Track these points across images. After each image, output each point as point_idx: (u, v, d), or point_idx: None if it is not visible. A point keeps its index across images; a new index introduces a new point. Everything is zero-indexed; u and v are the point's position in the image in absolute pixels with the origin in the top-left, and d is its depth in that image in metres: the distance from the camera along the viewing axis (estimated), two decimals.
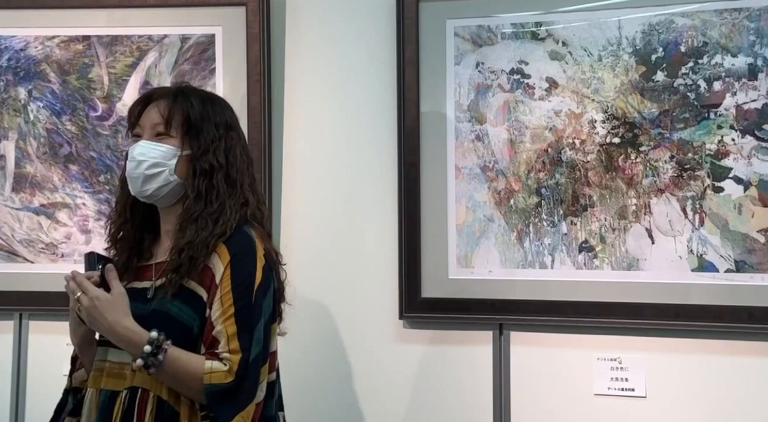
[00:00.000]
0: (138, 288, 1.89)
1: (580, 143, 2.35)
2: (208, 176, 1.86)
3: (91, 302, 1.79)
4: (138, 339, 1.76)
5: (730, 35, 2.25)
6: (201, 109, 1.90)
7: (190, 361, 1.76)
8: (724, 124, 2.25)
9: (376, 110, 2.53)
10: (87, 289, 1.81)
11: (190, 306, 1.80)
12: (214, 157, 1.87)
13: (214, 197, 1.85)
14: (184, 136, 1.88)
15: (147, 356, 1.74)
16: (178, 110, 1.88)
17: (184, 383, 1.76)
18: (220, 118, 1.93)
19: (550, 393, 2.38)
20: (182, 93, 1.93)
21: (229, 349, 1.75)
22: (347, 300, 2.54)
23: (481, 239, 2.42)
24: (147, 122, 1.90)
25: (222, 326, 1.77)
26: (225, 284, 1.79)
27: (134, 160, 1.87)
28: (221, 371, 1.74)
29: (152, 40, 2.61)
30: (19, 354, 2.63)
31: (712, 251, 2.26)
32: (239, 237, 1.84)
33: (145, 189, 1.87)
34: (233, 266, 1.80)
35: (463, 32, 2.45)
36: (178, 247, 1.82)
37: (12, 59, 2.64)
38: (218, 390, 1.73)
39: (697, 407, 2.28)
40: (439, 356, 2.47)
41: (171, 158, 1.87)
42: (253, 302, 1.80)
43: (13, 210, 2.64)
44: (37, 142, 2.64)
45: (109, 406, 1.83)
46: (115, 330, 1.78)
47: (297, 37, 2.61)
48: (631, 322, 2.30)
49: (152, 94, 1.94)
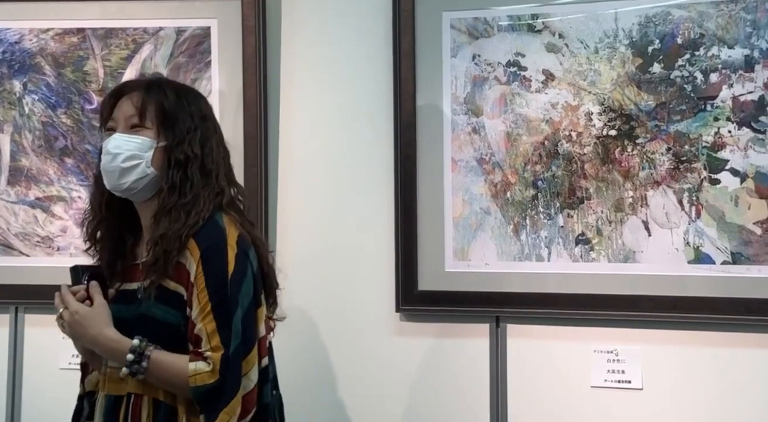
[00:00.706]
0: (128, 290, 1.88)
1: (576, 136, 2.35)
2: (183, 167, 1.83)
3: (71, 317, 1.81)
4: (120, 347, 1.77)
5: (726, 27, 2.25)
6: (175, 99, 1.87)
7: (174, 364, 1.77)
8: (721, 116, 2.25)
9: (372, 103, 2.53)
10: (68, 303, 1.83)
11: (172, 306, 1.80)
12: (189, 147, 1.84)
13: (188, 189, 1.82)
14: (159, 127, 1.85)
15: (130, 364, 1.75)
16: (152, 101, 1.86)
17: (173, 386, 1.78)
18: (194, 108, 1.90)
19: (547, 385, 2.38)
20: (155, 84, 1.90)
21: (211, 347, 1.75)
22: (344, 293, 2.53)
23: (477, 231, 2.42)
24: (120, 115, 1.87)
25: (201, 324, 1.76)
26: (200, 282, 1.77)
27: (109, 153, 1.84)
28: (205, 371, 1.74)
29: (147, 33, 2.60)
30: (15, 348, 2.63)
31: (708, 243, 2.26)
32: (208, 229, 1.82)
33: (122, 182, 1.84)
34: (204, 261, 1.78)
35: (460, 24, 2.44)
36: (153, 241, 1.81)
37: (6, 52, 2.64)
38: (204, 391, 1.74)
39: (694, 399, 2.28)
40: (436, 349, 2.47)
41: (147, 150, 1.84)
42: (228, 295, 1.78)
43: (9, 203, 2.63)
44: (33, 135, 2.63)
45: (113, 411, 1.84)
46: (98, 342, 1.80)
47: (293, 29, 2.60)
48: (628, 314, 2.30)
49: (123, 87, 1.92)
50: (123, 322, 1.81)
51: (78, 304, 1.82)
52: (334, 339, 2.52)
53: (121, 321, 1.82)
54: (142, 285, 1.84)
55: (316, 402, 2.51)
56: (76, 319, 1.81)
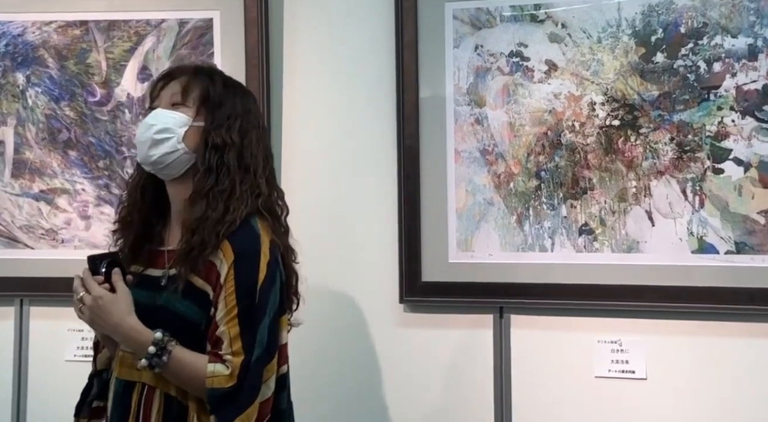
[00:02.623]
0: (151, 276, 1.87)
1: (579, 126, 2.35)
2: (220, 151, 1.82)
3: (94, 301, 1.78)
4: (143, 339, 1.75)
5: (730, 16, 2.24)
6: (222, 87, 1.88)
7: (193, 363, 1.76)
8: (724, 105, 2.24)
9: (375, 94, 2.53)
10: (91, 287, 1.80)
11: (196, 303, 1.79)
12: (227, 133, 1.83)
13: (224, 174, 1.81)
14: (200, 107, 1.85)
15: (151, 357, 1.74)
16: (198, 82, 1.86)
17: (188, 384, 1.77)
18: (240, 100, 1.90)
19: (551, 375, 2.38)
20: (206, 70, 1.92)
21: (232, 351, 1.74)
22: (348, 285, 2.54)
23: (481, 222, 2.42)
24: (165, 94, 1.88)
25: (225, 327, 1.75)
26: (229, 285, 1.76)
27: (145, 124, 1.85)
28: (223, 375, 1.73)
29: (150, 25, 2.60)
30: (20, 340, 2.64)
31: (712, 232, 2.25)
32: (244, 232, 1.80)
33: (151, 154, 1.83)
34: (237, 265, 1.77)
35: (462, 15, 2.44)
36: (188, 225, 1.79)
37: (9, 45, 2.64)
38: (219, 394, 1.72)
39: (698, 389, 2.28)
40: (440, 340, 2.47)
41: (181, 126, 1.83)
42: (256, 301, 1.77)
43: (13, 196, 2.64)
44: (36, 128, 2.63)
45: (125, 396, 1.83)
46: (119, 330, 1.78)
47: (295, 20, 2.60)
48: (632, 304, 2.30)
49: (174, 71, 1.93)
50: (142, 309, 1.80)
51: (101, 289, 1.79)
52: (338, 331, 2.53)
53: (140, 307, 1.80)
54: (166, 273, 1.83)
55: (320, 393, 2.52)
56: (99, 304, 1.78)
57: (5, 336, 2.64)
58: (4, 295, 2.62)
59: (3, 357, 2.64)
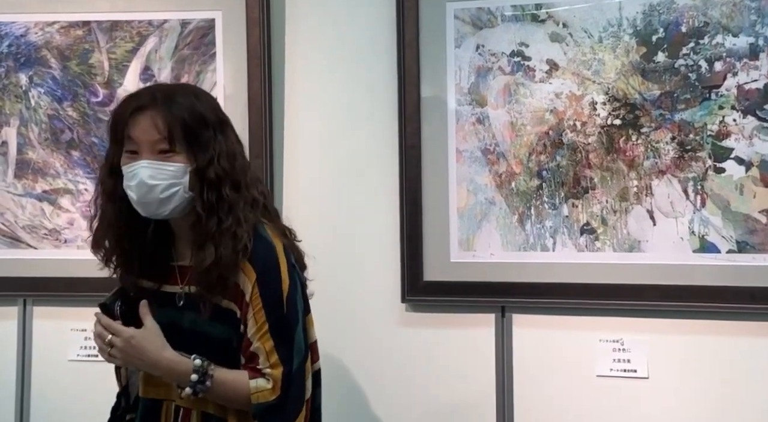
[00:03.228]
0: (169, 292, 1.87)
1: (581, 125, 2.35)
2: (216, 188, 1.76)
3: (126, 343, 1.77)
4: (183, 368, 1.76)
5: (731, 15, 2.24)
6: (195, 115, 1.77)
7: (235, 381, 1.77)
8: (726, 104, 2.24)
9: (377, 94, 2.53)
10: (119, 330, 1.78)
11: (225, 323, 1.80)
12: (219, 166, 1.77)
13: (226, 210, 1.76)
14: (188, 149, 1.76)
15: (195, 384, 1.75)
16: (177, 123, 1.74)
17: (232, 402, 1.79)
18: (211, 116, 1.81)
19: (553, 375, 2.39)
20: (168, 99, 1.77)
21: (270, 364, 1.76)
22: (350, 284, 2.54)
23: (482, 222, 2.42)
24: (144, 138, 1.75)
25: (259, 342, 1.77)
26: (256, 303, 1.77)
27: (145, 184, 1.74)
28: (266, 389, 1.75)
29: (152, 26, 2.60)
30: (23, 340, 2.64)
31: (713, 232, 2.25)
32: (259, 248, 1.79)
33: (161, 211, 1.77)
34: (260, 283, 1.78)
35: (463, 15, 2.44)
36: (203, 268, 1.76)
37: (12, 45, 2.64)
38: (265, 408, 1.75)
39: (700, 388, 2.28)
40: (442, 339, 2.47)
41: (183, 176, 1.76)
42: (285, 312, 1.79)
43: (16, 196, 2.64)
44: (39, 128, 2.64)
45: (153, 415, 1.85)
46: (159, 366, 1.77)
47: (297, 20, 2.60)
48: (633, 304, 2.30)
49: (139, 104, 1.77)
50: (166, 328, 1.80)
51: (131, 330, 1.77)
52: (340, 330, 2.53)
53: (164, 327, 1.80)
54: (182, 292, 1.84)
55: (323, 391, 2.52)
56: (133, 344, 1.76)
57: (8, 335, 2.65)
58: (8, 295, 2.63)
59: (6, 356, 2.65)
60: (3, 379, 2.64)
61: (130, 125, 1.76)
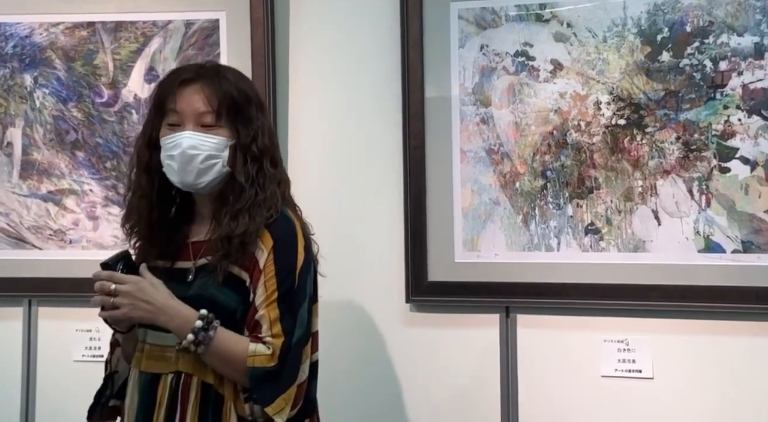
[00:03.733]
0: (181, 269, 1.88)
1: (585, 125, 2.34)
2: (258, 162, 1.83)
3: (134, 286, 1.77)
4: (189, 314, 1.76)
5: (736, 14, 2.24)
6: (241, 92, 1.84)
7: (236, 341, 1.77)
8: (731, 104, 2.24)
9: (381, 94, 2.53)
10: (125, 278, 1.78)
11: (233, 290, 1.81)
12: (262, 142, 1.84)
13: (266, 184, 1.83)
14: (232, 124, 1.82)
15: (198, 331, 1.74)
16: (225, 98, 1.81)
17: (229, 363, 1.77)
18: (254, 97, 1.89)
19: (557, 375, 2.38)
20: (220, 76, 1.85)
21: (272, 333, 1.77)
22: (354, 285, 2.54)
23: (486, 222, 2.42)
24: (189, 110, 1.81)
25: (265, 310, 1.78)
26: (269, 270, 1.79)
27: (186, 154, 1.79)
28: (264, 354, 1.75)
29: (157, 26, 2.61)
30: (28, 340, 2.65)
31: (718, 232, 2.25)
32: (281, 221, 1.84)
33: (199, 182, 1.82)
34: (276, 251, 1.80)
35: (467, 15, 2.44)
36: (229, 235, 1.79)
37: (17, 46, 2.65)
38: (261, 374, 1.75)
39: (705, 388, 2.28)
40: (446, 339, 2.47)
41: (223, 150, 1.81)
42: (296, 285, 1.81)
43: (21, 197, 2.65)
44: (44, 129, 2.65)
45: (150, 389, 1.83)
46: (166, 309, 1.77)
47: (301, 20, 2.61)
48: (638, 304, 2.30)
49: (187, 77, 1.84)
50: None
51: (134, 277, 1.78)
52: (344, 330, 2.53)
53: None
54: (193, 266, 1.85)
55: (326, 393, 2.51)
56: (141, 287, 1.76)
57: (14, 336, 2.65)
58: (13, 296, 2.64)
59: (11, 357, 2.65)
60: (8, 379, 2.65)
61: (177, 97, 1.82)
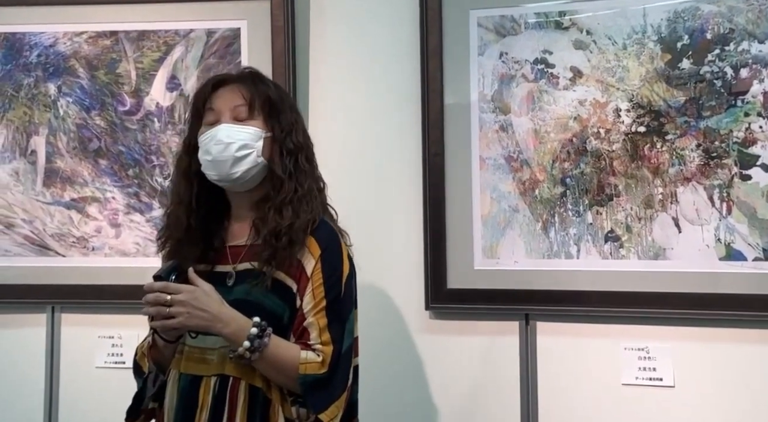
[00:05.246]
0: (221, 272, 1.89)
1: (605, 133, 2.34)
2: (294, 156, 1.88)
3: (191, 295, 1.77)
4: (244, 322, 1.77)
5: (756, 21, 2.23)
6: (275, 92, 1.93)
7: (288, 349, 1.79)
8: (752, 111, 2.23)
9: (400, 101, 2.54)
10: (180, 288, 1.78)
11: (279, 297, 1.83)
12: (296, 137, 1.90)
13: (303, 178, 1.88)
14: (266, 117, 1.89)
15: (254, 338, 1.75)
16: (260, 93, 1.89)
17: (280, 370, 1.78)
18: (288, 99, 1.99)
19: (578, 383, 2.38)
20: (257, 76, 1.94)
21: (321, 341, 1.79)
22: (374, 292, 2.54)
23: (506, 229, 2.42)
24: (224, 106, 1.88)
25: (314, 318, 1.80)
26: (317, 278, 1.82)
27: (221, 142, 1.84)
28: (315, 362, 1.78)
29: (179, 35, 2.63)
30: (51, 347, 2.67)
31: (740, 239, 2.23)
32: (325, 230, 1.88)
33: (234, 172, 1.85)
34: (324, 259, 1.83)
35: (487, 22, 2.44)
36: (276, 230, 1.82)
37: (41, 55, 2.68)
38: (311, 381, 1.77)
39: (726, 396, 2.26)
40: (466, 346, 2.47)
41: (258, 140, 1.86)
42: (342, 294, 1.84)
43: (45, 205, 2.68)
44: (67, 137, 2.67)
45: (191, 391, 1.84)
46: (221, 316, 1.77)
47: (321, 29, 2.62)
48: (659, 311, 2.29)
49: (224, 79, 1.94)
50: None
51: (189, 286, 1.79)
52: (364, 337, 2.50)
53: None
54: (234, 270, 1.87)
55: None
56: (197, 296, 1.76)
57: (37, 342, 2.67)
58: (36, 302, 2.66)
59: (35, 363, 2.67)
60: (32, 386, 2.67)
61: (213, 97, 1.91)
